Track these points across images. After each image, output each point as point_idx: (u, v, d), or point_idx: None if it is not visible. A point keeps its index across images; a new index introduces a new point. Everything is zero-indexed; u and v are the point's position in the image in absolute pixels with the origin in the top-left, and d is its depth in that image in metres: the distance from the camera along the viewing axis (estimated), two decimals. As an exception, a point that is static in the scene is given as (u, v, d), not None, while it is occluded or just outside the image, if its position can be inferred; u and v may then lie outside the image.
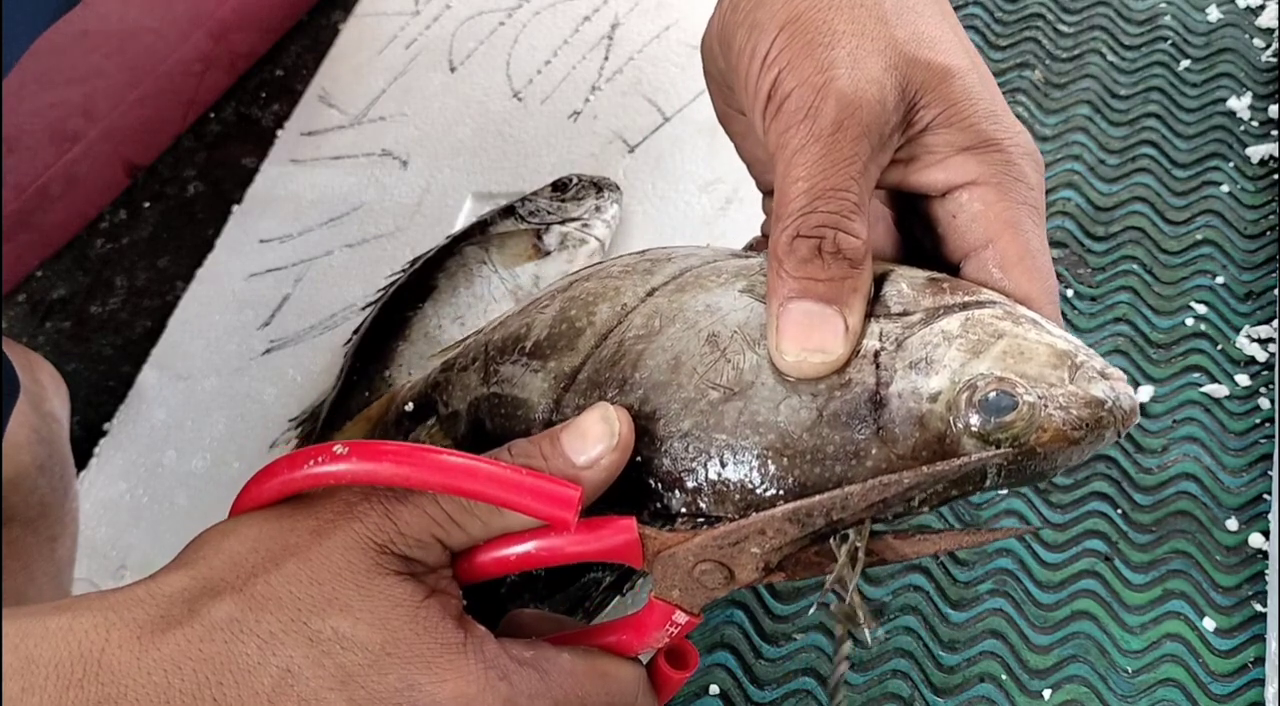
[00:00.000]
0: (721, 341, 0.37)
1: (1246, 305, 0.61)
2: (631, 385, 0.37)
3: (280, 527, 0.34)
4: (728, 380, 0.36)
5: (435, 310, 0.61)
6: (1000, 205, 0.37)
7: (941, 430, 0.34)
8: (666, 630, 0.38)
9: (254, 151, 0.77)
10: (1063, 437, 0.33)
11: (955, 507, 0.56)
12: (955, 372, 0.34)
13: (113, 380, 0.69)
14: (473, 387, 0.42)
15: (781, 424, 0.35)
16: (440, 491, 0.34)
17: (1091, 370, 0.34)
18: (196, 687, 0.31)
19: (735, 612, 0.54)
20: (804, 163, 0.35)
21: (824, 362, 0.35)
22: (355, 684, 0.32)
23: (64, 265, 0.76)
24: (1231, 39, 0.70)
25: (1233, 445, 0.56)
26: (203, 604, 0.32)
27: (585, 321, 0.39)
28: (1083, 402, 0.33)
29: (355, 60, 0.79)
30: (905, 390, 0.34)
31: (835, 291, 0.35)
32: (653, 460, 0.37)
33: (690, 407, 0.36)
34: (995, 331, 0.34)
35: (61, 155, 0.73)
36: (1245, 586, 0.52)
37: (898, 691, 0.51)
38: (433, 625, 0.34)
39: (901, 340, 0.35)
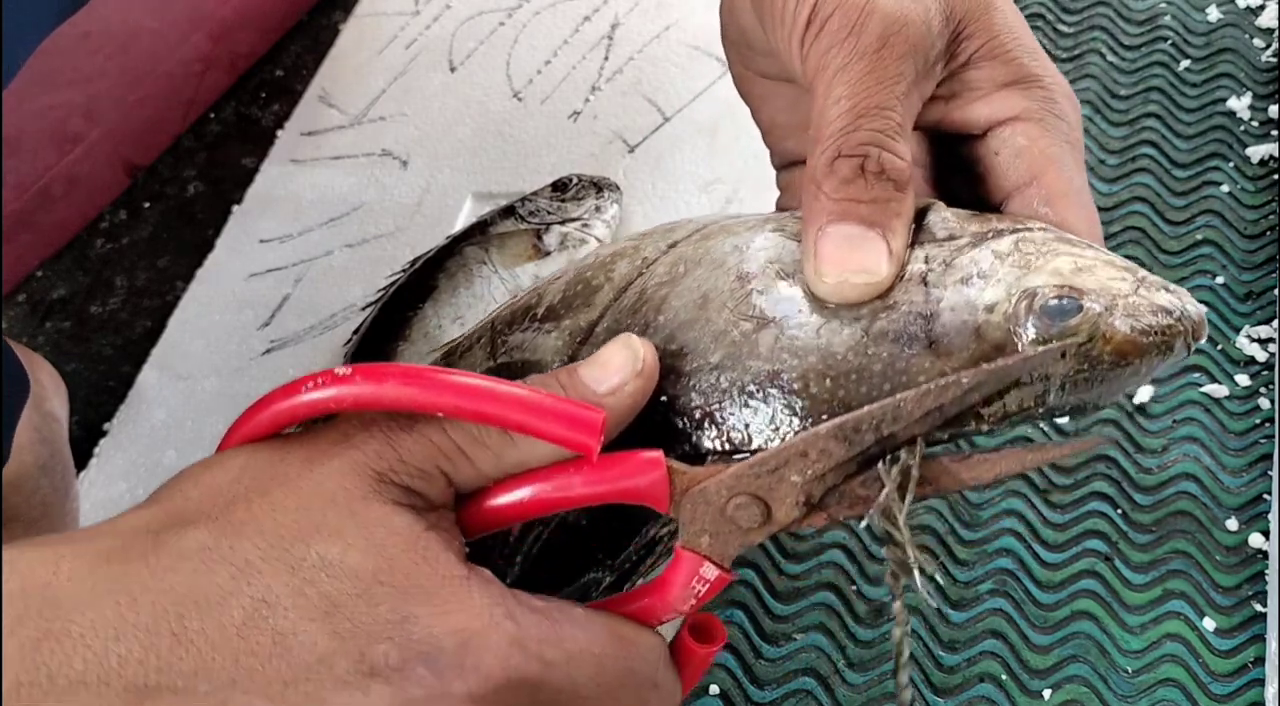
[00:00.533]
0: (752, 276, 0.34)
1: (1246, 305, 0.61)
2: (655, 328, 0.35)
3: (270, 458, 0.31)
4: (760, 311, 0.33)
5: (435, 310, 0.61)
6: (1045, 140, 0.36)
7: (1000, 340, 0.31)
8: (693, 588, 0.34)
9: (254, 151, 0.77)
10: (1130, 344, 0.31)
11: (955, 506, 0.56)
12: (1011, 285, 0.31)
13: (113, 380, 0.69)
14: (478, 364, 0.40)
15: (824, 346, 0.32)
16: (450, 413, 0.30)
17: (1154, 283, 0.32)
18: (154, 621, 0.27)
19: (735, 613, 0.54)
20: (847, 81, 0.33)
21: (868, 284, 0.32)
22: (340, 615, 0.28)
23: (64, 265, 0.76)
24: (1231, 39, 0.70)
25: (1233, 445, 0.56)
26: (170, 533, 0.29)
27: (603, 279, 0.37)
28: (1150, 310, 0.31)
29: (355, 60, 0.79)
30: (958, 303, 0.32)
31: (879, 214, 0.33)
32: (679, 397, 0.34)
33: (721, 339, 0.33)
34: (1051, 249, 0.32)
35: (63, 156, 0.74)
36: (1245, 586, 0.52)
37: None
38: (433, 555, 0.30)
39: (949, 261, 0.33)
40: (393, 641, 0.28)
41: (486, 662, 0.29)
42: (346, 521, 0.29)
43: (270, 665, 0.27)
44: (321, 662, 0.27)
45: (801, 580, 0.55)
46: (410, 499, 0.31)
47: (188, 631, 0.27)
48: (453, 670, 0.28)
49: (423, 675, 0.28)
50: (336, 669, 0.27)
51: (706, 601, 0.34)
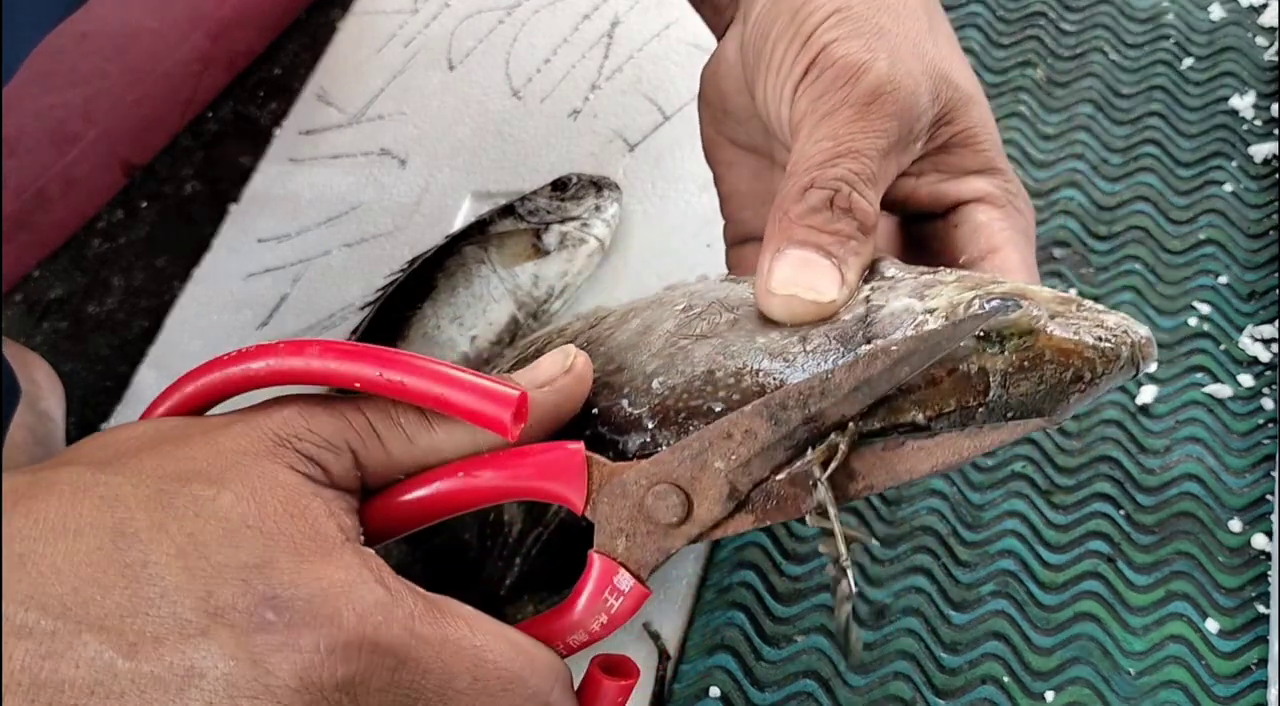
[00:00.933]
0: (696, 308, 0.35)
1: (1250, 305, 0.60)
2: (598, 357, 0.36)
3: (179, 421, 0.30)
4: (700, 330, 0.34)
5: (434, 310, 0.61)
6: (1003, 221, 0.38)
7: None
8: (605, 601, 0.31)
9: (251, 150, 0.77)
10: (1070, 343, 0.31)
11: (957, 507, 0.56)
12: (955, 297, 0.32)
13: (110, 380, 0.69)
14: None
15: (760, 347, 0.32)
16: (370, 387, 0.29)
17: (1096, 308, 0.32)
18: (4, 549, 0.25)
19: (736, 614, 0.54)
20: (832, 125, 0.34)
21: (815, 304, 0.33)
22: (198, 553, 0.26)
23: (61, 265, 0.75)
24: (1234, 37, 0.69)
25: (1236, 446, 0.56)
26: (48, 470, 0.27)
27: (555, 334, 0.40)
28: (1093, 323, 0.31)
29: (353, 59, 0.79)
30: (899, 309, 0.32)
31: (838, 247, 0.33)
32: (611, 407, 0.34)
33: (658, 355, 0.34)
34: (995, 280, 0.34)
35: (61, 157, 0.73)
36: (1248, 587, 0.52)
37: (899, 693, 0.51)
38: (311, 516, 0.28)
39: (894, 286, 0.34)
40: (245, 583, 0.26)
41: (344, 616, 0.27)
42: (230, 470, 0.28)
43: (110, 596, 0.25)
44: (164, 598, 0.26)
45: (802, 581, 0.54)
46: (308, 467, 0.30)
47: (33, 553, 0.25)
48: (304, 618, 0.26)
49: (269, 620, 0.26)
50: (179, 606, 0.26)
51: (620, 624, 0.32)
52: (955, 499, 0.56)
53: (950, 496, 0.56)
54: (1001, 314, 0.30)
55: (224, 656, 0.25)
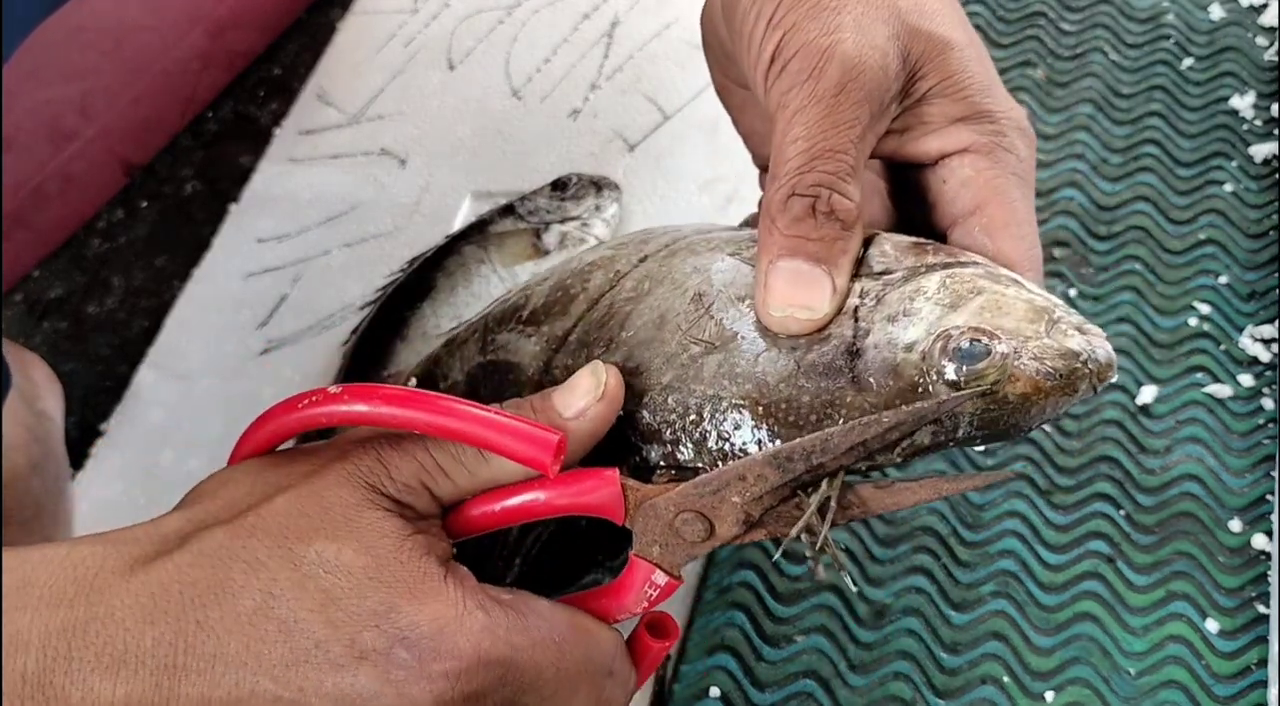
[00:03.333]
0: (706, 299, 0.37)
1: (1250, 305, 0.60)
2: (617, 343, 0.38)
3: (276, 472, 0.35)
4: (710, 335, 0.37)
5: (434, 310, 0.61)
6: (990, 172, 0.38)
7: (916, 379, 0.34)
8: (645, 592, 0.37)
9: (251, 150, 0.77)
10: (1036, 388, 0.33)
11: (957, 507, 0.56)
12: (931, 324, 0.34)
13: (109, 380, 0.69)
14: (470, 358, 0.43)
15: (759, 374, 0.35)
16: (425, 430, 0.35)
17: (1068, 324, 0.34)
18: (181, 609, 0.31)
19: (736, 615, 0.54)
20: (804, 122, 0.36)
21: (809, 320, 0.35)
22: (335, 606, 0.32)
23: (61, 265, 0.75)
24: (1234, 37, 0.69)
25: (1236, 446, 0.56)
26: (194, 536, 0.33)
27: (579, 288, 0.40)
28: (1057, 354, 0.33)
29: (353, 58, 0.79)
30: (881, 341, 0.34)
31: (825, 252, 0.36)
32: (634, 414, 0.37)
33: (672, 362, 0.37)
34: (974, 288, 0.35)
35: (58, 153, 0.73)
36: (1248, 587, 0.52)
37: (899, 693, 0.51)
38: (417, 555, 0.34)
39: (881, 296, 0.36)
40: (378, 628, 0.32)
41: (460, 645, 0.32)
42: (342, 526, 0.33)
43: (274, 649, 0.31)
44: (318, 647, 0.31)
45: (802, 582, 0.54)
46: (399, 509, 0.35)
47: (209, 619, 0.31)
48: (430, 653, 0.32)
49: (404, 657, 0.32)
50: (331, 653, 0.31)
51: (658, 604, 0.38)
52: (955, 499, 0.56)
53: (950, 496, 0.56)
54: (970, 363, 0.33)
55: (374, 689, 0.32)
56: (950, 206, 0.39)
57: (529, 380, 0.40)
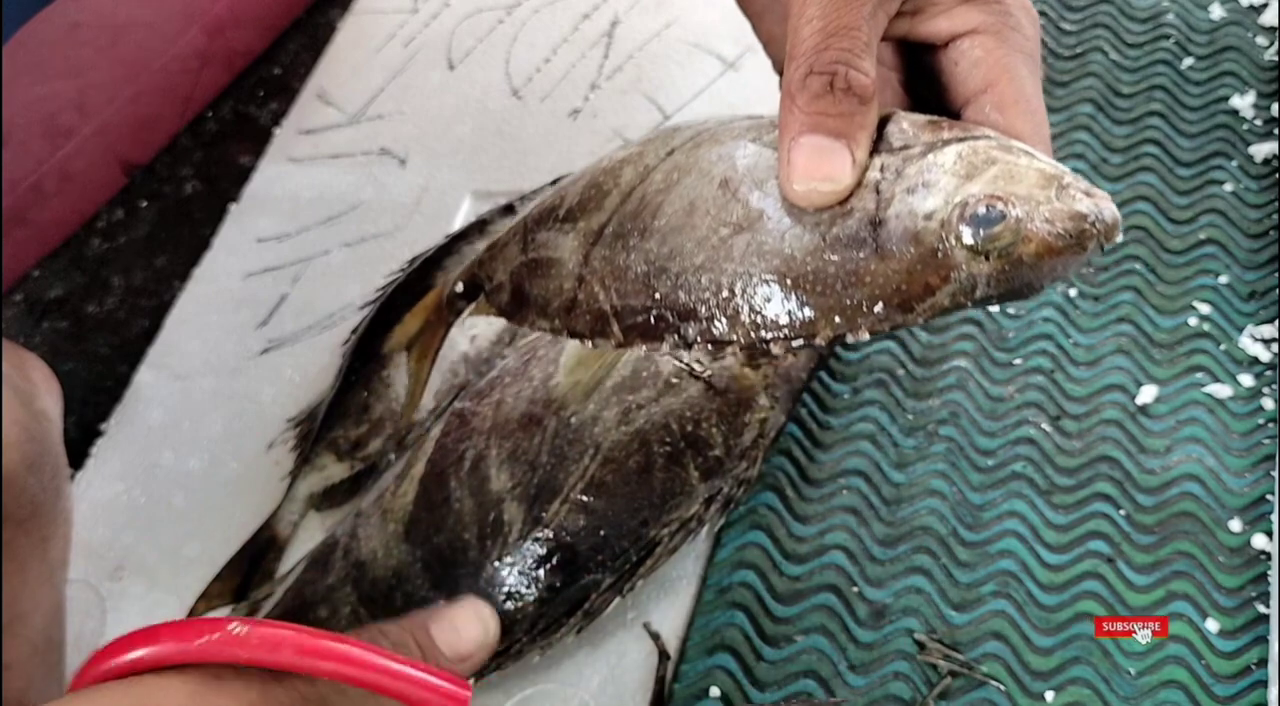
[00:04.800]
0: (732, 184, 0.39)
1: (1250, 305, 0.60)
2: (651, 232, 0.40)
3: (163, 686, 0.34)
4: (737, 218, 0.38)
5: (434, 309, 0.60)
6: (999, 52, 0.40)
7: (935, 244, 0.35)
8: None
9: (251, 150, 0.77)
10: (1048, 248, 0.35)
11: (957, 508, 0.56)
12: (949, 194, 0.36)
13: (109, 380, 0.69)
14: (513, 259, 0.45)
15: (786, 250, 0.37)
16: (335, 677, 0.34)
17: (1077, 190, 0.36)
18: None
19: (736, 615, 0.54)
20: (818, 3, 0.37)
21: (832, 191, 0.36)
22: None
23: (60, 265, 0.75)
24: (1235, 37, 0.69)
25: (1236, 446, 0.56)
26: None
27: (612, 184, 0.42)
28: (1067, 216, 0.35)
29: (353, 58, 0.79)
30: (902, 211, 0.36)
31: (844, 126, 0.37)
32: (670, 295, 0.38)
33: (703, 245, 0.38)
34: (988, 158, 0.37)
35: (55, 150, 0.73)
36: (1249, 587, 0.52)
37: (899, 693, 0.51)
38: None
39: (900, 170, 0.37)
40: None
41: None
42: None
43: None
44: None
45: (802, 582, 0.54)
46: None
47: None
48: None
49: None
50: None
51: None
52: (955, 499, 0.56)
53: (950, 497, 0.56)
54: (986, 227, 0.35)
55: None
56: (962, 87, 0.40)
57: (570, 273, 0.42)
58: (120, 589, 0.59)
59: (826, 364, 0.59)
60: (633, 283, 0.39)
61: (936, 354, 0.60)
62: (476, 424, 0.53)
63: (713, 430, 0.52)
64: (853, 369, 0.60)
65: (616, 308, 0.40)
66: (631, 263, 0.40)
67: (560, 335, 0.42)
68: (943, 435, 0.58)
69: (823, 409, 0.59)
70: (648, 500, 0.51)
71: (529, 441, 0.52)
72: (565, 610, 0.50)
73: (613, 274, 0.40)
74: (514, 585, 0.50)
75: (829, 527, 0.56)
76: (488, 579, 0.50)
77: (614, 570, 0.51)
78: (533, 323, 0.43)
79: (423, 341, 0.53)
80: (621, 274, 0.40)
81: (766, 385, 0.53)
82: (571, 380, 0.53)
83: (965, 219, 0.35)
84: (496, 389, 0.55)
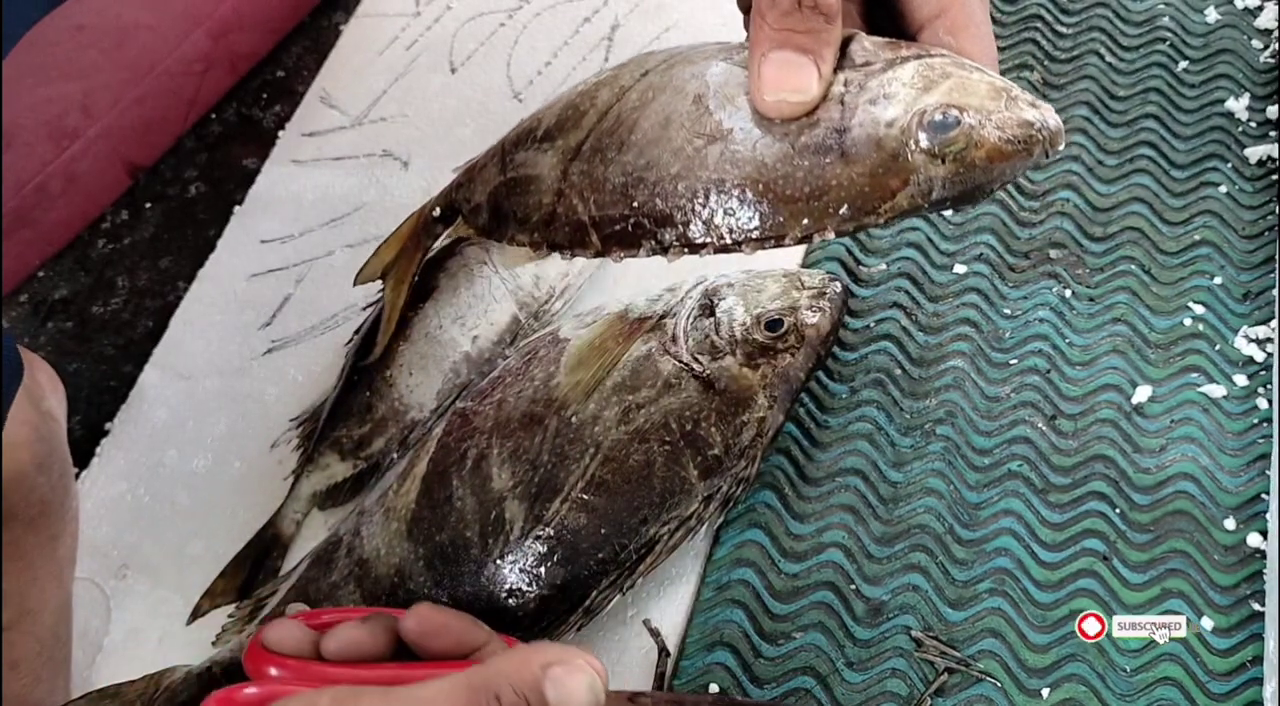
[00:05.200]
0: (705, 99, 0.41)
1: (1244, 305, 0.61)
2: (628, 145, 0.42)
3: None
4: (710, 129, 0.40)
5: (436, 310, 0.61)
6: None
7: (896, 149, 0.38)
8: None
9: (255, 152, 0.77)
10: (998, 152, 0.38)
11: (954, 507, 0.56)
12: (908, 103, 0.38)
13: (114, 380, 0.69)
14: (491, 180, 0.46)
15: (758, 158, 0.39)
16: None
17: (1024, 101, 0.38)
18: None
19: (735, 612, 0.54)
20: None
21: (800, 102, 0.39)
22: None
23: (65, 265, 0.76)
24: (1230, 40, 0.70)
25: (1230, 445, 0.56)
26: None
27: (588, 105, 0.44)
28: (1015, 123, 0.38)
29: (356, 61, 0.80)
30: (865, 120, 0.38)
31: (811, 42, 0.39)
32: (647, 203, 0.41)
33: (679, 155, 0.40)
34: (944, 73, 0.39)
35: (60, 152, 0.73)
36: (1243, 585, 0.53)
37: (896, 690, 0.51)
38: None
39: (863, 84, 0.40)
40: None
41: None
42: None
43: None
44: None
45: (800, 579, 0.55)
46: None
47: None
48: None
49: None
50: None
51: None
52: (952, 497, 0.56)
53: (947, 495, 0.56)
54: (942, 133, 0.37)
55: None
56: (918, 13, 0.43)
57: (549, 188, 0.43)
58: (125, 587, 0.60)
59: (824, 364, 0.59)
60: (610, 193, 0.41)
61: (933, 354, 0.61)
62: (478, 423, 0.54)
63: (712, 429, 0.52)
64: (850, 369, 0.61)
65: (595, 217, 0.42)
66: (609, 175, 0.41)
67: (539, 249, 0.44)
68: (940, 434, 0.58)
69: (820, 408, 0.60)
70: (647, 498, 0.51)
71: (530, 440, 0.52)
72: (566, 607, 0.51)
73: (591, 186, 0.42)
74: (515, 582, 0.50)
75: (827, 526, 0.56)
76: (489, 576, 0.50)
77: (614, 567, 0.51)
78: (512, 238, 0.45)
79: (399, 268, 0.55)
80: (599, 186, 0.42)
81: (765, 385, 0.54)
82: (572, 380, 0.53)
83: (923, 125, 0.38)
84: (498, 388, 0.55)
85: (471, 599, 0.50)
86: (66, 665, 0.55)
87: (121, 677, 0.52)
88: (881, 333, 0.62)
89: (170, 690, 0.51)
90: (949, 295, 0.63)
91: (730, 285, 0.56)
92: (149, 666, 0.52)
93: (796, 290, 0.56)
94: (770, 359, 0.54)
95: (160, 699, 0.51)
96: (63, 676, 0.54)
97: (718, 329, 0.55)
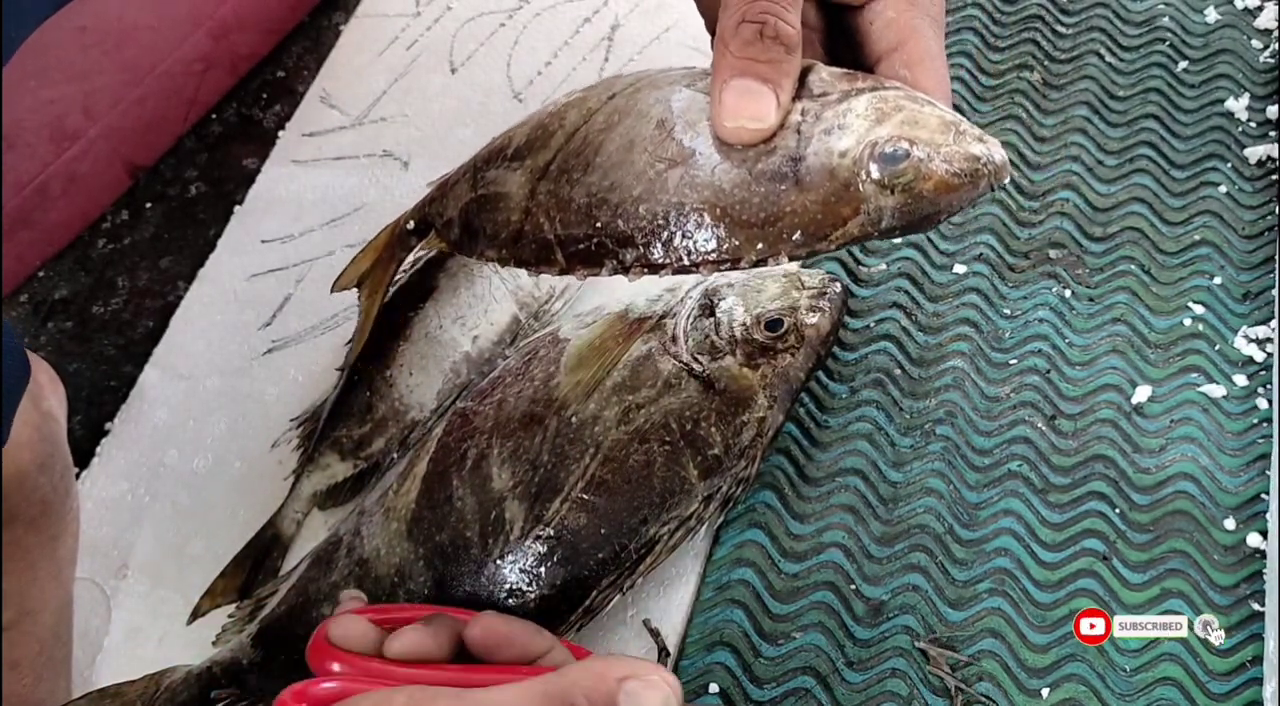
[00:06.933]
0: (668, 124, 0.42)
1: (1244, 306, 0.61)
2: (593, 167, 0.43)
3: None
4: (672, 154, 0.41)
5: (436, 310, 0.61)
6: (909, 14, 0.44)
7: (848, 178, 0.39)
8: None
9: (255, 152, 0.78)
10: (945, 185, 0.39)
11: (954, 506, 0.56)
12: (861, 135, 0.39)
13: (115, 380, 0.69)
14: (463, 196, 0.47)
15: (716, 183, 0.40)
16: None
17: (971, 136, 0.40)
18: None
19: (734, 612, 0.54)
20: None
21: (758, 129, 0.40)
22: None
23: (66, 265, 0.76)
24: (1229, 40, 0.70)
25: (1230, 445, 0.57)
26: None
27: (557, 126, 0.45)
28: (962, 157, 0.39)
29: (356, 61, 0.80)
30: (820, 149, 0.40)
31: (771, 72, 0.40)
32: (610, 224, 0.41)
33: (641, 178, 0.41)
34: (896, 106, 0.40)
35: (61, 152, 0.74)
36: (1243, 585, 0.53)
37: (896, 690, 0.51)
38: None
39: (819, 114, 0.41)
40: None
41: None
42: None
43: None
44: None
45: (800, 579, 0.55)
46: None
47: None
48: None
49: None
50: None
51: None
52: (952, 497, 0.56)
53: (947, 495, 0.56)
54: (892, 165, 0.38)
55: None
56: (876, 45, 0.44)
57: (517, 206, 0.44)
58: (125, 586, 0.60)
59: (824, 364, 0.59)
60: (575, 213, 0.42)
61: (933, 354, 0.61)
62: (478, 423, 0.54)
63: (712, 429, 0.52)
64: (850, 369, 0.61)
65: (560, 236, 0.42)
66: (574, 195, 0.42)
67: (507, 265, 0.44)
68: (939, 434, 0.58)
69: (820, 408, 0.60)
70: (647, 498, 0.51)
71: (530, 440, 0.52)
72: (566, 607, 0.51)
73: (557, 206, 0.43)
74: (515, 582, 0.50)
75: (827, 526, 0.56)
76: (489, 576, 0.50)
77: (614, 567, 0.51)
78: (481, 253, 0.45)
79: (373, 278, 0.55)
80: (565, 205, 0.42)
81: (765, 385, 0.54)
82: (572, 380, 0.53)
83: (874, 157, 0.39)
84: (498, 388, 0.55)
85: (471, 599, 0.50)
86: (67, 665, 0.55)
87: (122, 677, 0.52)
88: (881, 333, 0.62)
89: (170, 690, 0.51)
90: (949, 295, 0.63)
91: (730, 285, 0.56)
92: (149, 666, 0.52)
93: (796, 290, 0.56)
94: (770, 359, 0.54)
95: (161, 699, 0.51)
96: (63, 676, 0.54)
97: (718, 329, 0.55)
